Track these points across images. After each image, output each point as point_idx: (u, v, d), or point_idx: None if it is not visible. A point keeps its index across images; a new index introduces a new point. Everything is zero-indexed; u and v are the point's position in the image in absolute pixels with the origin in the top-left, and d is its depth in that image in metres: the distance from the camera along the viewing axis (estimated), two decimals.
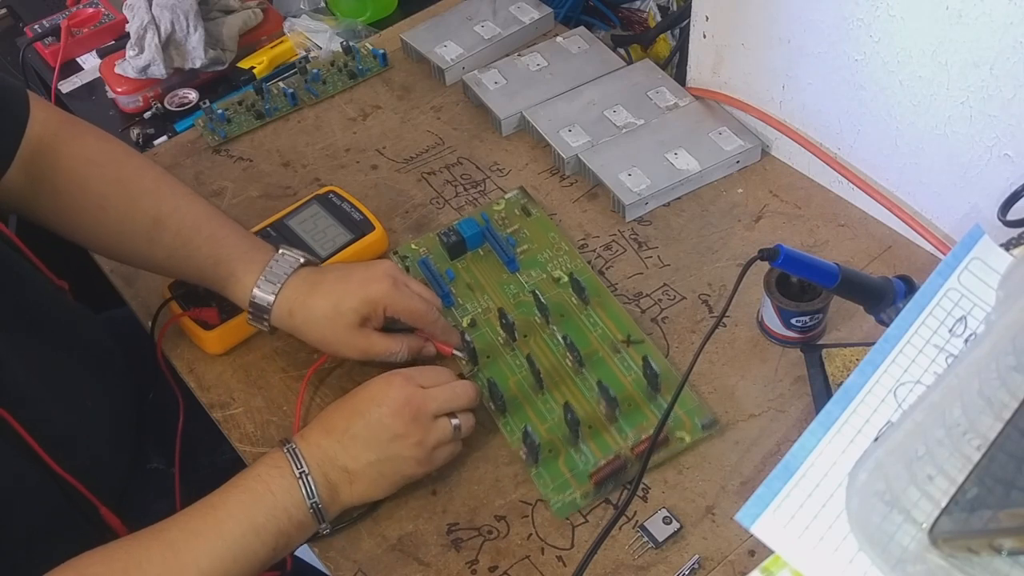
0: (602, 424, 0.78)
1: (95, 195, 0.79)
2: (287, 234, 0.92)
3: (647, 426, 0.78)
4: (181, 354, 0.88)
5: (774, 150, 0.99)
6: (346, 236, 0.91)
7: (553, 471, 0.76)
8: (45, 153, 0.78)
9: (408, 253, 0.93)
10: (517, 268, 0.91)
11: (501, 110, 1.04)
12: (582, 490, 0.75)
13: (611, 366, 0.82)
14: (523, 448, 0.76)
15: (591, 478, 0.75)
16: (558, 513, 0.74)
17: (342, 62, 1.14)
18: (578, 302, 0.87)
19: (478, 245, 0.93)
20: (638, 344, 0.83)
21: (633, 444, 0.77)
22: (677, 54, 1.13)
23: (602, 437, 0.78)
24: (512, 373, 0.83)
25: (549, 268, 0.90)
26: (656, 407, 0.79)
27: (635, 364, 0.81)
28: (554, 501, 0.75)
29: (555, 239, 0.93)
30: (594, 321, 0.86)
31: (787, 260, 0.67)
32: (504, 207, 0.96)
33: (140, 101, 1.14)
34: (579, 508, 0.74)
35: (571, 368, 0.82)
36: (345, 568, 0.73)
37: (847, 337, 0.83)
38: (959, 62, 0.76)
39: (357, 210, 0.93)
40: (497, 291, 0.89)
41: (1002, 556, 0.44)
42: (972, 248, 0.57)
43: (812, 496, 0.50)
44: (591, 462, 0.76)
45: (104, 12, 1.24)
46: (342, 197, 0.94)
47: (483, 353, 0.84)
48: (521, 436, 0.77)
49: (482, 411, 0.80)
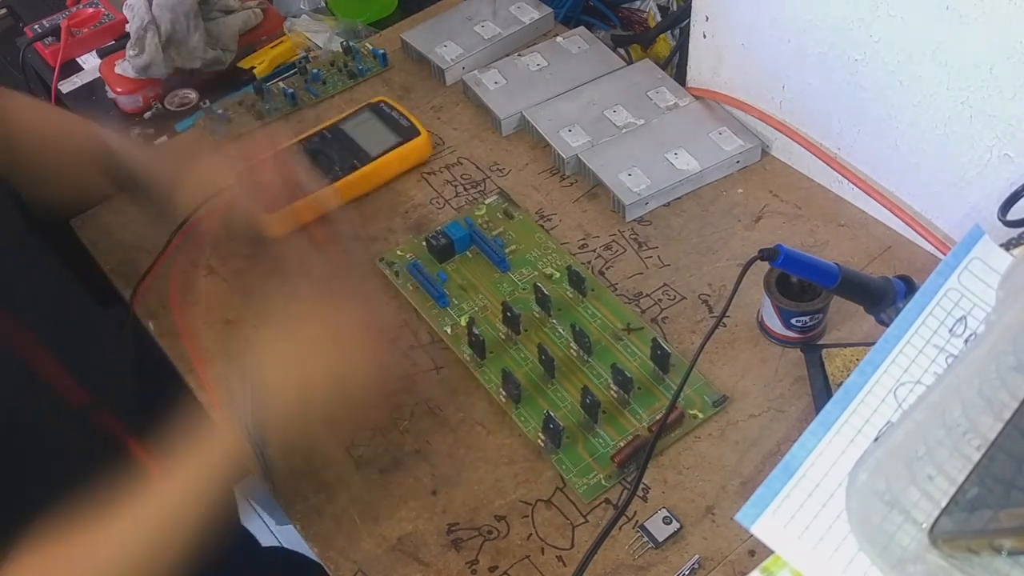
0: (615, 408, 0.80)
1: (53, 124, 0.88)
2: (340, 136, 1.02)
3: (659, 407, 0.79)
4: (181, 354, 0.88)
5: (774, 150, 0.99)
6: (394, 139, 1.01)
7: (573, 456, 0.77)
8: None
9: (395, 260, 0.93)
10: (508, 268, 0.91)
11: (501, 110, 1.04)
12: (605, 472, 0.76)
13: (615, 353, 0.83)
14: (541, 436, 0.78)
15: (613, 459, 0.76)
16: (585, 495, 0.75)
17: (342, 62, 1.14)
18: (574, 296, 0.88)
19: (466, 248, 0.93)
20: (638, 331, 0.85)
21: (648, 424, 0.78)
22: (677, 54, 1.13)
23: (617, 420, 0.79)
24: (519, 366, 0.83)
25: (540, 266, 0.91)
26: (665, 388, 0.81)
27: (638, 350, 0.83)
28: (579, 485, 0.76)
29: (542, 239, 0.93)
30: (592, 312, 0.87)
31: (787, 260, 0.67)
32: (485, 211, 0.97)
33: (140, 101, 1.14)
34: (605, 489, 0.76)
35: (577, 357, 0.83)
36: (345, 568, 0.73)
37: (847, 337, 0.83)
38: (959, 62, 0.76)
39: (405, 118, 1.02)
40: (491, 290, 0.90)
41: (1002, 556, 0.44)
42: (972, 248, 0.58)
43: (812, 496, 0.50)
44: (610, 445, 0.78)
45: (104, 12, 1.24)
46: (391, 106, 1.04)
47: (487, 349, 0.84)
48: (540, 424, 0.78)
49: (486, 409, 0.81)
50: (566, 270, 0.89)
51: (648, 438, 0.76)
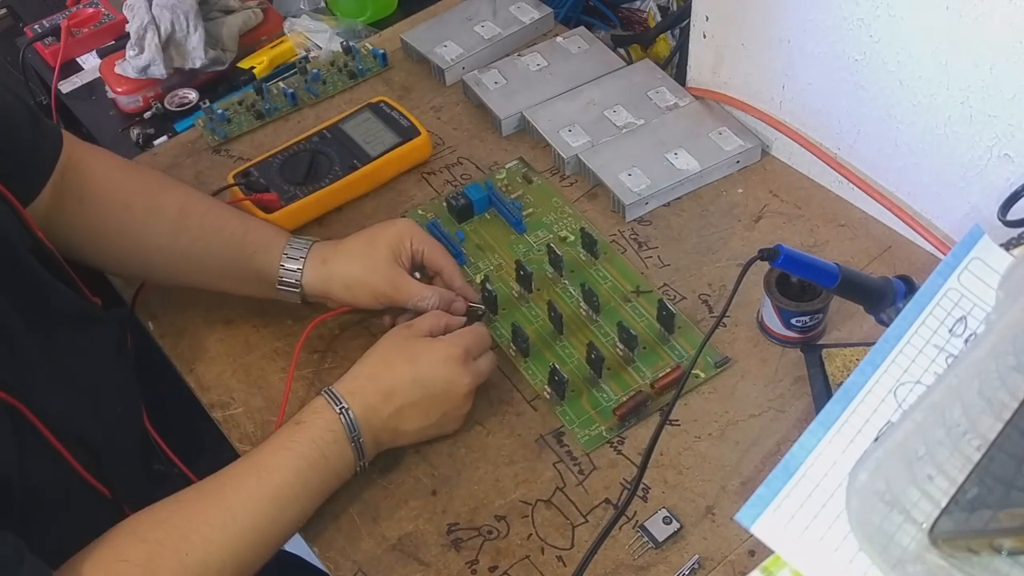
0: (620, 365, 0.83)
1: (121, 194, 0.84)
2: (340, 136, 1.01)
3: (663, 365, 0.82)
4: (181, 354, 0.88)
5: (774, 150, 0.99)
6: (394, 139, 1.00)
7: (577, 408, 0.81)
8: (72, 167, 0.82)
9: (415, 218, 0.96)
10: (524, 230, 0.95)
11: (501, 110, 1.04)
12: (607, 424, 0.79)
13: (623, 313, 0.87)
14: (547, 388, 0.81)
15: (615, 413, 0.79)
16: (586, 445, 0.78)
17: (342, 62, 1.13)
18: (587, 258, 0.91)
19: (484, 209, 0.97)
20: (647, 294, 0.88)
21: (652, 381, 0.81)
22: (677, 54, 1.13)
23: (621, 376, 0.82)
24: (529, 322, 0.87)
25: (555, 229, 0.95)
26: (670, 348, 0.84)
27: (646, 312, 0.86)
28: (581, 435, 0.79)
29: (559, 203, 0.97)
30: (603, 275, 0.90)
31: (787, 260, 0.67)
32: (505, 175, 1.00)
33: (140, 101, 1.14)
34: (606, 440, 0.78)
35: (586, 316, 0.87)
36: (345, 568, 0.73)
37: (847, 337, 0.83)
38: (959, 62, 0.76)
39: (405, 118, 1.02)
40: (507, 250, 0.94)
41: (1002, 556, 0.44)
42: (972, 248, 0.57)
43: (812, 496, 0.50)
44: (613, 399, 0.81)
45: (104, 12, 1.24)
46: (391, 106, 1.03)
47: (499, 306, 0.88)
48: (547, 376, 0.81)
49: (486, 409, 0.81)
50: (579, 232, 0.91)
51: (647, 395, 0.79)
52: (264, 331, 0.89)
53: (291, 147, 1.00)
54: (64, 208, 0.82)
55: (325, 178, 0.97)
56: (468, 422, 0.80)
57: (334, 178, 0.97)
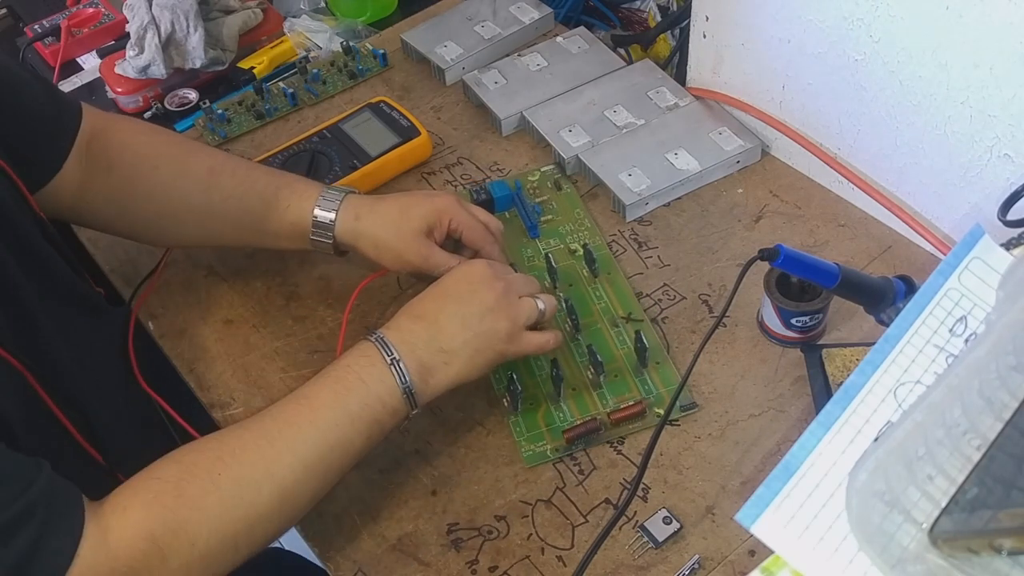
0: (586, 387, 0.81)
1: (149, 158, 0.84)
2: (340, 136, 1.01)
3: (628, 397, 0.80)
4: (181, 354, 0.88)
5: (774, 150, 0.99)
6: (394, 139, 1.01)
7: (531, 422, 0.80)
8: (96, 137, 0.83)
9: None
10: (537, 235, 0.94)
11: (501, 110, 1.04)
12: (553, 444, 0.78)
13: (606, 337, 0.85)
14: (506, 396, 0.80)
15: (564, 435, 0.78)
16: (527, 461, 0.77)
17: (342, 62, 1.14)
18: (588, 274, 0.90)
19: (506, 208, 0.96)
20: (637, 322, 0.85)
21: (612, 410, 0.79)
22: (677, 54, 1.13)
23: (583, 399, 0.81)
24: None
25: (567, 240, 0.94)
26: (641, 382, 0.81)
27: (629, 340, 0.84)
28: (525, 450, 0.78)
29: (580, 215, 0.96)
30: (599, 294, 0.89)
31: (787, 260, 0.67)
32: (538, 179, 0.99)
33: (140, 101, 1.14)
34: (548, 460, 0.77)
35: (568, 333, 0.85)
36: (345, 568, 0.73)
37: (847, 337, 0.83)
38: (959, 62, 0.76)
39: (405, 118, 1.02)
40: (514, 252, 0.92)
41: (1002, 556, 0.44)
42: (972, 248, 0.57)
43: (812, 496, 0.50)
44: (568, 420, 0.79)
45: (104, 12, 1.24)
46: (391, 106, 1.04)
47: None
48: (506, 383, 0.80)
49: (486, 409, 0.81)
50: (583, 247, 0.91)
51: (601, 423, 0.78)
52: (264, 331, 0.89)
53: (291, 147, 1.00)
54: (94, 179, 0.82)
55: (325, 178, 0.97)
56: (468, 422, 0.80)
57: (334, 178, 0.97)
